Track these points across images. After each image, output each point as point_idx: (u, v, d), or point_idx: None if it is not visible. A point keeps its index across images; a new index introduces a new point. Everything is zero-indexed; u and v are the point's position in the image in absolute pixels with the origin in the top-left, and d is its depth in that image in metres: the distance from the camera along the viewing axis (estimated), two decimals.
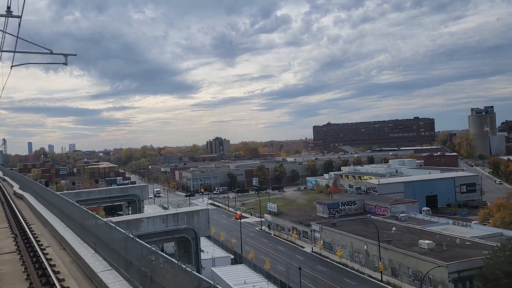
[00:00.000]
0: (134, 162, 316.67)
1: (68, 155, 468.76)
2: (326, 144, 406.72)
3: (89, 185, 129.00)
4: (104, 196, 59.13)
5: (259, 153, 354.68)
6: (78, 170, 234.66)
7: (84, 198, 57.39)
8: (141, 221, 31.83)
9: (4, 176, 59.53)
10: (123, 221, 30.53)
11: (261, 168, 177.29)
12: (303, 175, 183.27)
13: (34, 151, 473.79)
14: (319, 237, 77.88)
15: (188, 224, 32.60)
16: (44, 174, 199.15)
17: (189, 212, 33.80)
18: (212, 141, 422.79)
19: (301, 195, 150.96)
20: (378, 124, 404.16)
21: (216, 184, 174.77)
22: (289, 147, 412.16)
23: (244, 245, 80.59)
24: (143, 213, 31.07)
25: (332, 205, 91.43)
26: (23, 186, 35.63)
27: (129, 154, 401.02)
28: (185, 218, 33.36)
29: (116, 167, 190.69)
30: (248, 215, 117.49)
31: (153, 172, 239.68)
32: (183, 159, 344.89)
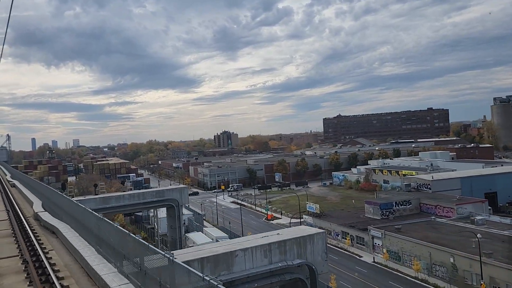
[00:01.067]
0: (142, 157, 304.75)
1: (73, 151, 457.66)
2: (337, 136, 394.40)
3: (105, 184, 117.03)
4: (136, 202, 47.22)
5: (270, 146, 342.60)
6: (85, 166, 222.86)
7: (113, 205, 45.77)
8: (234, 255, 19.89)
9: (13, 180, 48.60)
10: (209, 257, 18.82)
11: (282, 162, 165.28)
12: (326, 169, 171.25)
13: (38, 147, 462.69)
14: (380, 244, 65.96)
15: (300, 258, 20.97)
16: (51, 171, 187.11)
17: (299, 238, 21.85)
18: (220, 135, 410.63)
19: (329, 191, 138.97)
20: (391, 116, 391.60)
21: (234, 180, 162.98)
22: (298, 140, 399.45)
23: None
24: (236, 242, 20.21)
25: (385, 205, 79.55)
26: (45, 200, 24.40)
27: (135, 149, 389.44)
28: (294, 247, 21.54)
29: (128, 163, 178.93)
30: (279, 215, 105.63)
31: (164, 168, 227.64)
32: (192, 154, 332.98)
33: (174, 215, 50.68)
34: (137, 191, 50.03)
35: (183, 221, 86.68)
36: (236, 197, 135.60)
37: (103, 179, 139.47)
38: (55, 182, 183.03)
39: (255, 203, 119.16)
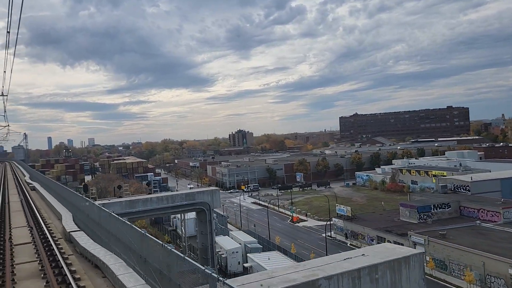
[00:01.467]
0: (158, 156, 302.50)
1: (89, 150, 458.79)
2: (354, 135, 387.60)
3: (123, 183, 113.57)
4: (165, 206, 42.85)
5: (286, 145, 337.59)
6: (101, 165, 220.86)
7: (140, 209, 41.59)
8: (317, 284, 15.43)
9: (32, 182, 43.29)
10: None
11: (302, 162, 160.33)
12: (348, 169, 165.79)
13: (54, 145, 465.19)
14: (424, 252, 60.70)
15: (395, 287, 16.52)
16: (68, 170, 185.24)
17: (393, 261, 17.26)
18: (235, 134, 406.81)
19: (353, 192, 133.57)
20: (409, 114, 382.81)
21: (253, 180, 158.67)
22: (314, 139, 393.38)
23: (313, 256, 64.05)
24: (314, 267, 16.11)
25: (422, 208, 74.21)
26: (75, 211, 19.93)
27: (151, 148, 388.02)
28: (387, 273, 16.99)
29: (145, 162, 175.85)
30: (305, 218, 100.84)
31: (181, 167, 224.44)
32: (207, 153, 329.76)
33: (205, 220, 46.24)
34: (165, 194, 45.73)
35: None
36: (257, 198, 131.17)
37: (120, 178, 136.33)
38: (72, 181, 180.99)
39: (278, 204, 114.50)
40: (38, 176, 42.60)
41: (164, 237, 72.58)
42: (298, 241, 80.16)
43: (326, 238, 66.54)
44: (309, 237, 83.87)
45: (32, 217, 20.08)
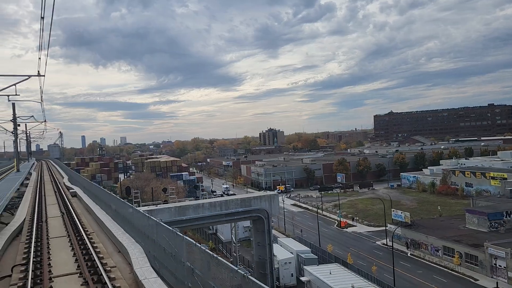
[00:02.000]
0: (189, 154, 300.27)
1: (121, 148, 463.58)
2: (388, 134, 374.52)
3: (161, 184, 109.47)
4: (218, 213, 37.14)
5: (318, 144, 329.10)
6: (135, 163, 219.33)
7: (191, 217, 36.05)
8: None
9: (73, 187, 36.41)
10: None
11: (342, 162, 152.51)
12: (391, 169, 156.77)
13: (88, 144, 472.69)
14: (504, 266, 52.88)
15: None
16: (102, 169, 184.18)
17: None
18: (265, 133, 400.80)
19: (400, 194, 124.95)
20: (447, 112, 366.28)
21: (290, 180, 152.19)
22: (347, 138, 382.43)
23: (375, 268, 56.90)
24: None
25: (493, 215, 66.02)
26: (146, 241, 14.00)
27: (181, 147, 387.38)
28: None
29: (179, 161, 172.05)
30: (353, 222, 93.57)
31: (213, 166, 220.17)
32: (238, 152, 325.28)
33: (263, 229, 40.22)
34: (218, 199, 39.96)
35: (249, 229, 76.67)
36: (297, 200, 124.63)
37: (155, 177, 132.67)
38: (106, 180, 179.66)
39: (322, 207, 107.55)
40: (79, 179, 37.64)
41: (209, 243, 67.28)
42: (351, 249, 73.19)
43: (393, 250, 59.14)
44: (361, 244, 76.74)
45: (81, 251, 14.15)
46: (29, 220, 20.79)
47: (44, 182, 45.91)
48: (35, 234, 16.87)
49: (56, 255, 14.47)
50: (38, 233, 17.44)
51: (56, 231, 18.82)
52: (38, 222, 19.66)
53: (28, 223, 20.12)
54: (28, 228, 18.67)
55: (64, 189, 35.90)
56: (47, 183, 44.44)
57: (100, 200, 23.96)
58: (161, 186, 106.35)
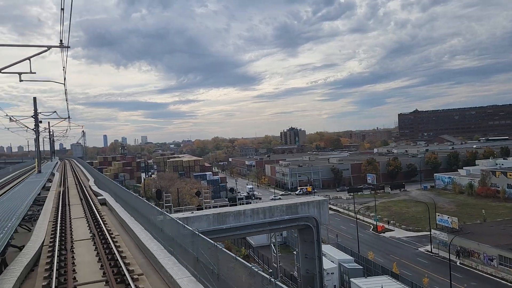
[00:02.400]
0: (211, 154, 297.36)
1: (142, 147, 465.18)
2: (413, 133, 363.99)
3: (185, 184, 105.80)
4: (261, 221, 32.55)
5: (341, 144, 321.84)
6: (157, 163, 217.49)
7: (232, 225, 31.62)
8: None
9: (100, 192, 32.21)
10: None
11: (371, 162, 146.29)
12: (422, 170, 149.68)
13: (110, 143, 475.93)
14: None
15: None
16: (125, 168, 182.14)
17: None
18: (286, 132, 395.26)
19: (435, 196, 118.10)
20: (475, 111, 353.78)
21: (317, 181, 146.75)
22: (370, 137, 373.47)
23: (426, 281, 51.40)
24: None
25: None
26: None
27: (202, 146, 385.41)
28: None
29: (201, 160, 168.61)
30: (390, 227, 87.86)
31: (236, 165, 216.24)
32: (259, 151, 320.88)
33: (311, 240, 35.44)
34: (260, 205, 35.21)
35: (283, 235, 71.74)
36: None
37: (179, 177, 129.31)
38: (129, 179, 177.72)
39: (355, 210, 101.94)
40: (107, 182, 33.52)
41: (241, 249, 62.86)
42: (391, 256, 67.83)
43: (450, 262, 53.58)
44: (403, 251, 71.13)
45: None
46: (49, 244, 16.07)
47: (68, 186, 42.04)
48: (56, 276, 12.16)
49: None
50: (60, 274, 12.65)
51: (86, 268, 13.51)
52: (61, 251, 14.76)
53: (47, 249, 15.42)
54: (47, 261, 13.82)
55: (91, 195, 31.53)
56: (71, 187, 40.36)
57: (138, 212, 19.52)
58: (186, 186, 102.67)
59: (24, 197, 24.75)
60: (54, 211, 23.82)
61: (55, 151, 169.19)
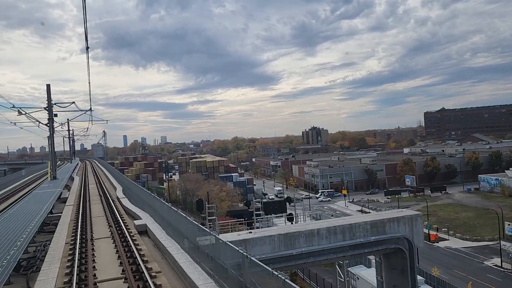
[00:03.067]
0: (232, 154, 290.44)
1: (162, 147, 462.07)
2: (440, 132, 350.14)
3: (214, 186, 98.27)
4: (341, 245, 24.53)
5: (367, 143, 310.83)
6: (178, 163, 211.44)
7: (303, 250, 23.84)
8: None
9: (136, 210, 24.33)
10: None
11: (408, 162, 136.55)
12: (462, 171, 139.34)
13: (130, 143, 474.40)
14: None
15: None
16: (147, 169, 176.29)
17: None
18: (308, 131, 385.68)
19: (482, 200, 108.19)
20: (505, 109, 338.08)
21: (349, 182, 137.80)
22: (395, 136, 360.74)
23: None
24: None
25: None
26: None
27: (223, 146, 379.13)
28: None
29: (226, 161, 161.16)
30: (444, 235, 78.59)
31: (260, 166, 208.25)
32: (281, 151, 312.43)
33: (402, 268, 27.32)
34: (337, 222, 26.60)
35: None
36: (364, 205, 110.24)
37: (204, 178, 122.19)
38: (151, 180, 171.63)
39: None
40: (144, 194, 25.20)
41: None
42: (455, 271, 58.97)
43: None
44: (466, 266, 62.04)
45: None
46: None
47: (90, 197, 34.18)
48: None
49: None
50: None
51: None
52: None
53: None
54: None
55: (123, 216, 23.36)
56: (94, 200, 32.16)
57: (179, 232, 11.66)
58: (215, 189, 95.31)
59: (20, 227, 17.01)
60: (67, 251, 15.63)
61: (75, 152, 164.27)
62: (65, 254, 15.46)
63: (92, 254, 15.68)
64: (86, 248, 16.22)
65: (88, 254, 15.35)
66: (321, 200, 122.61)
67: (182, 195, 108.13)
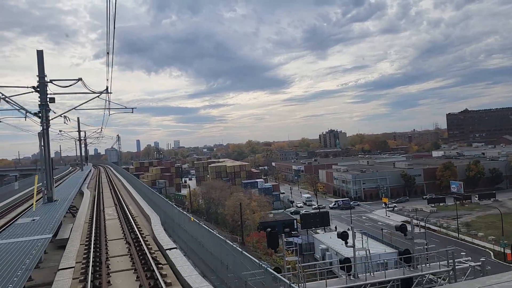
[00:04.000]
0: (249, 157, 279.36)
1: (176, 152, 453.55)
2: (464, 134, 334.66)
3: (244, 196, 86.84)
4: None
5: (389, 146, 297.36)
6: (196, 168, 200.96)
7: None
8: None
9: (172, 246, 15.87)
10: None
11: (449, 166, 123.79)
12: (508, 175, 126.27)
13: (144, 147, 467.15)
14: None
15: None
16: (163, 174, 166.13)
17: None
18: (325, 134, 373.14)
19: None
20: None
21: (385, 188, 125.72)
22: (417, 139, 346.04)
23: None
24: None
25: None
26: None
27: (238, 149, 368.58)
28: None
29: (247, 165, 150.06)
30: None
31: (281, 170, 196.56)
32: (300, 154, 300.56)
33: None
34: None
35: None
36: (408, 215, 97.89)
37: (229, 186, 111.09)
38: (168, 186, 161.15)
39: (458, 229, 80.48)
40: (180, 219, 14.46)
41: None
42: None
43: None
44: None
45: None
46: None
47: (108, 238, 21.82)
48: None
49: None
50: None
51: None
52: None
53: None
54: None
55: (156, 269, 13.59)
56: (115, 249, 19.58)
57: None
58: (245, 198, 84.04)
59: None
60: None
61: (88, 156, 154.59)
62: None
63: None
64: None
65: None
66: (335, 207, 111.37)
67: (206, 204, 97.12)
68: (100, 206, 34.60)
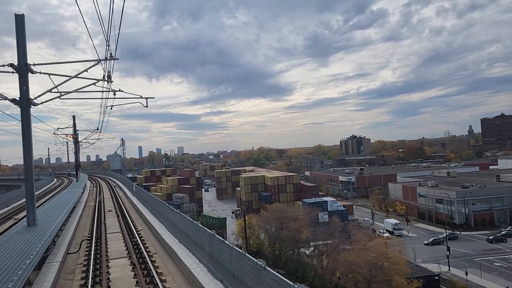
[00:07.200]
0: (271, 165, 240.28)
1: (182, 158, 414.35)
2: (501, 141, 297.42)
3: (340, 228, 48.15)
4: None
5: (426, 153, 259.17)
6: (217, 178, 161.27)
7: None
8: None
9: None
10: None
11: None
12: None
13: (148, 153, 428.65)
14: None
15: None
16: (181, 186, 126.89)
17: None
18: (347, 140, 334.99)
19: None
20: None
21: (500, 211, 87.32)
22: (451, 146, 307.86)
23: None
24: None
25: None
26: None
27: (251, 157, 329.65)
28: None
29: (295, 177, 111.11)
30: None
31: (321, 182, 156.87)
32: (324, 162, 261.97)
33: None
34: None
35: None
36: None
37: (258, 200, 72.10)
38: (188, 202, 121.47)
39: None
40: None
41: None
42: None
43: None
44: None
45: None
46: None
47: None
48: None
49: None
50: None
51: None
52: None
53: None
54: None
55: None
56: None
57: None
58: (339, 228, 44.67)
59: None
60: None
61: (80, 164, 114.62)
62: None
63: None
64: None
65: None
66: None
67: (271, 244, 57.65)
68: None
